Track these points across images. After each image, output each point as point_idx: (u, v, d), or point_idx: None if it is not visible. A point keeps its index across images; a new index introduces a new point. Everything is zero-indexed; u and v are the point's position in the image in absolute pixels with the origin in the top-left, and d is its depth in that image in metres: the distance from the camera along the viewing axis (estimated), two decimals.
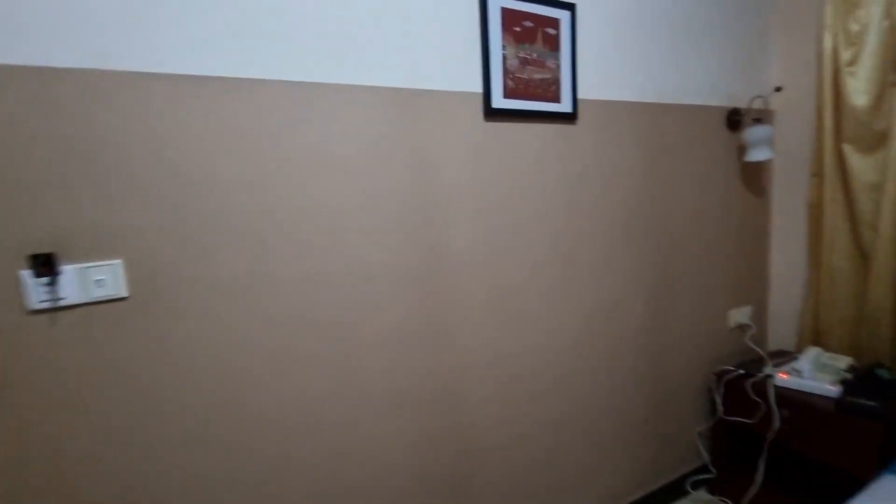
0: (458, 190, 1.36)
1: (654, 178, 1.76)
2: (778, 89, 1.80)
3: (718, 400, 1.90)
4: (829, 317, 1.94)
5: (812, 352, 1.82)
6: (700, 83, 1.85)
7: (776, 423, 1.68)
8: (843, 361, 1.77)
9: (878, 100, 1.73)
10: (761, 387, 1.74)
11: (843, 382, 1.64)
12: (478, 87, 1.37)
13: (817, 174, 1.94)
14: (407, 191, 1.29)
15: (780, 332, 2.15)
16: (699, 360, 1.97)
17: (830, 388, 1.62)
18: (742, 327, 2.09)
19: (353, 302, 1.24)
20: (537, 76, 1.45)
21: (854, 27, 1.76)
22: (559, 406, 1.63)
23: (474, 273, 1.42)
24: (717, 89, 1.90)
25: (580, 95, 1.55)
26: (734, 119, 1.94)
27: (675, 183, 1.81)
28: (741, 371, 1.85)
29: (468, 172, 1.38)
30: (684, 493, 1.99)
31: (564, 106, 1.51)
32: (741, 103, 1.97)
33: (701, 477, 2.01)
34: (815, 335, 1.99)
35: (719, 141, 1.92)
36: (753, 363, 1.92)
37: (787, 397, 1.67)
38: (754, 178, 2.06)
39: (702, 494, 1.98)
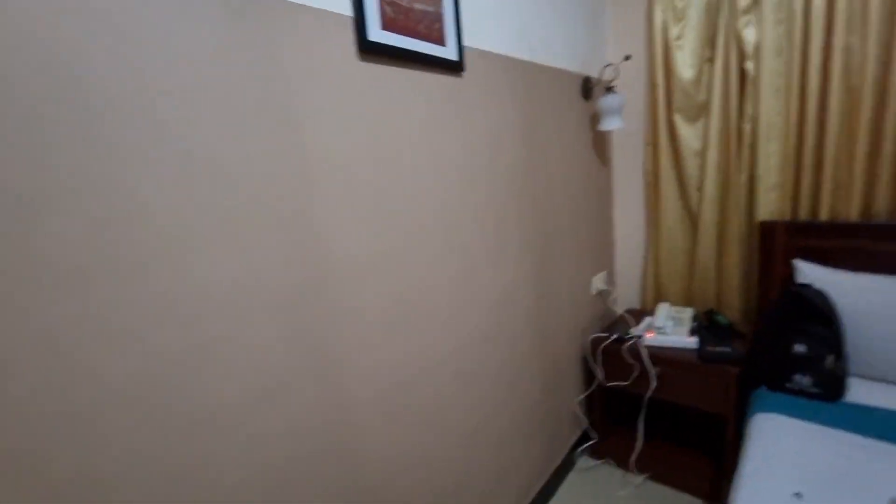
0: (330, 161, 0.93)
1: (533, 146, 1.61)
2: (627, 58, 1.84)
3: (597, 368, 1.93)
4: (667, 273, 2.15)
5: (664, 308, 1.97)
6: (561, 46, 1.76)
7: (653, 382, 1.76)
8: (686, 313, 1.97)
9: (700, 73, 1.91)
10: (634, 349, 1.81)
11: (697, 332, 1.81)
12: (347, 9, 0.94)
13: (652, 143, 2.08)
14: (263, 163, 0.81)
15: (628, 293, 2.33)
16: (576, 331, 1.97)
17: (690, 340, 1.76)
18: (601, 293, 2.17)
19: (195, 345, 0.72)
20: (418, 6, 1.09)
21: (679, 3, 1.89)
22: (468, 420, 1.38)
23: (364, 280, 1.02)
24: (575, 54, 1.84)
25: (466, 42, 1.26)
26: (587, 87, 1.93)
27: (548, 151, 1.70)
28: (613, 336, 1.90)
29: (343, 135, 0.96)
30: (573, 466, 2.00)
31: (450, 51, 1.20)
32: (593, 72, 1.98)
33: (586, 445, 2.05)
34: (658, 292, 2.20)
35: (577, 109, 1.89)
36: (619, 326, 2.00)
37: (657, 355, 1.76)
38: (601, 146, 2.13)
39: (587, 461, 2.02)
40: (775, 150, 1.78)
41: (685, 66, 1.92)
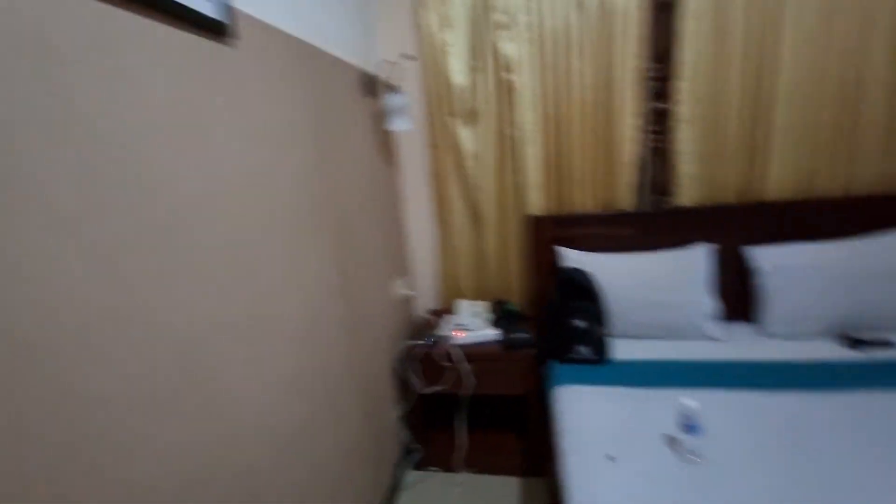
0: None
1: (324, 146, 1.39)
2: (411, 57, 1.80)
3: (413, 377, 1.84)
4: (460, 270, 2.23)
5: (464, 305, 2.04)
6: (335, 32, 1.58)
7: (470, 380, 1.77)
8: (481, 306, 2.08)
9: (471, 80, 2.03)
10: (447, 351, 1.79)
11: (497, 324, 1.92)
12: None
13: (434, 145, 2.12)
14: None
15: (427, 294, 2.33)
16: (387, 344, 1.84)
17: (494, 332, 1.85)
18: (405, 298, 2.11)
19: None
20: None
21: (447, 10, 1.96)
22: (299, 470, 1.08)
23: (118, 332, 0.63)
24: (351, 46, 1.70)
25: (238, 3, 0.95)
26: (369, 84, 1.81)
27: (340, 151, 1.51)
28: (424, 341, 1.84)
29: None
30: (401, 485, 1.87)
31: (206, 4, 0.88)
32: (371, 68, 1.87)
33: (411, 459, 1.94)
34: (454, 290, 2.27)
35: (362, 106, 1.75)
36: (426, 330, 1.97)
37: (468, 353, 1.79)
38: (389, 147, 2.05)
39: (414, 476, 1.92)
40: (534, 154, 2.03)
41: (457, 72, 2.01)
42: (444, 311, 2.21)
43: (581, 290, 1.72)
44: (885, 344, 1.62)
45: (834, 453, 1.16)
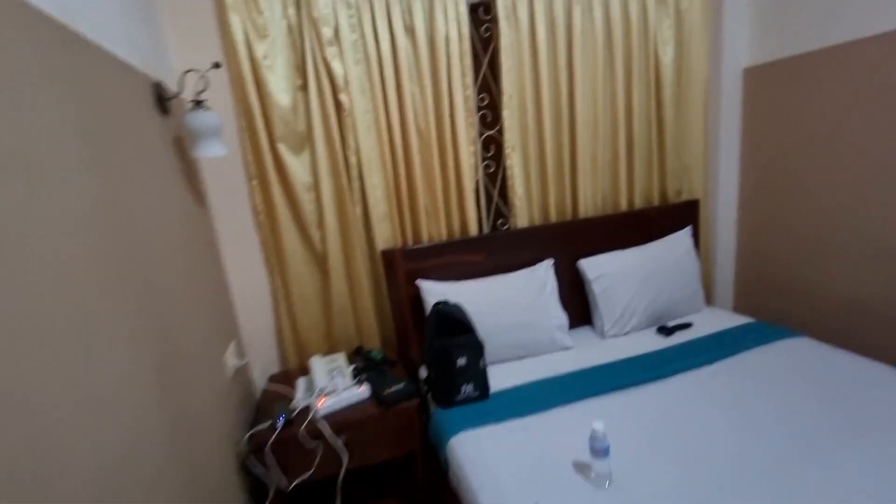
0: None
1: (112, 175, 0.94)
2: (216, 65, 1.42)
3: (269, 473, 1.41)
4: (306, 323, 1.88)
5: (318, 364, 1.70)
6: (121, 29, 1.14)
7: (344, 457, 1.45)
8: (340, 360, 1.78)
9: (296, 100, 1.75)
10: (311, 427, 1.44)
11: (362, 378, 1.65)
12: None
13: (258, 177, 1.75)
14: None
15: (266, 359, 1.89)
16: (230, 435, 1.37)
17: (362, 391, 1.58)
18: (238, 371, 1.64)
19: None
20: None
21: (259, 18, 1.65)
22: None
23: None
24: (134, 44, 1.25)
25: None
26: (162, 97, 1.36)
27: (134, 183, 1.06)
28: (274, 422, 1.45)
29: None
30: None
31: None
32: (164, 76, 1.42)
33: None
34: (301, 347, 1.89)
35: (153, 124, 1.30)
36: (275, 405, 1.56)
37: (337, 422, 1.47)
38: (192, 180, 1.59)
39: None
40: (378, 182, 1.87)
41: (280, 90, 1.71)
42: (294, 374, 1.81)
43: (455, 324, 1.62)
44: (687, 326, 2.00)
45: (692, 428, 1.31)
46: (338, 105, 1.77)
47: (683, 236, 2.19)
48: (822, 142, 1.98)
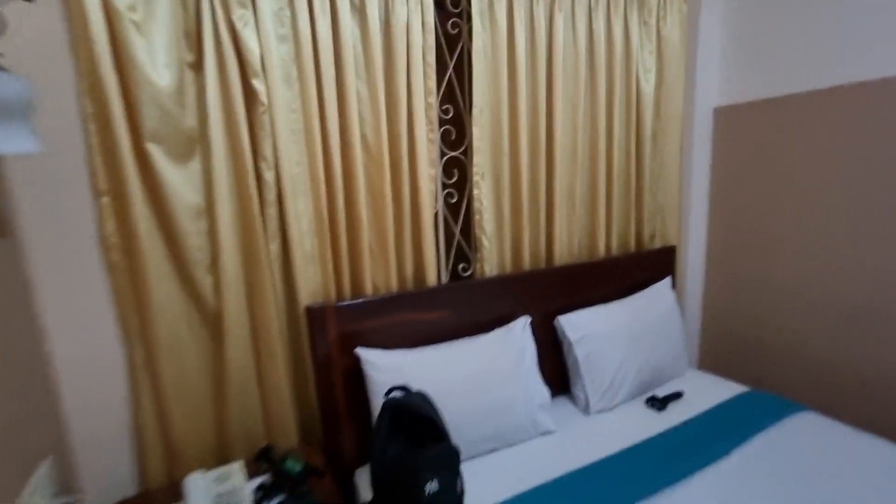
0: None
1: None
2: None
3: None
4: (182, 416, 1.24)
5: (199, 485, 1.09)
6: None
7: None
8: (237, 475, 1.17)
9: (183, 81, 1.17)
10: None
11: (273, 496, 1.06)
12: None
13: (112, 193, 1.13)
14: None
15: (109, 478, 1.20)
16: None
17: None
18: None
19: None
20: None
21: None
22: None
23: None
24: None
25: None
26: None
27: None
28: None
29: None
30: None
31: None
32: None
33: None
34: (169, 455, 1.23)
35: None
36: None
37: None
38: None
39: None
40: (305, 209, 1.33)
41: (156, 64, 1.12)
42: (152, 501, 1.16)
43: (417, 423, 1.11)
44: (678, 396, 1.68)
45: None
46: (249, 95, 1.22)
47: (664, 289, 1.92)
48: (794, 190, 1.84)
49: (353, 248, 1.42)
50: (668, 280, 1.95)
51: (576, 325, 1.67)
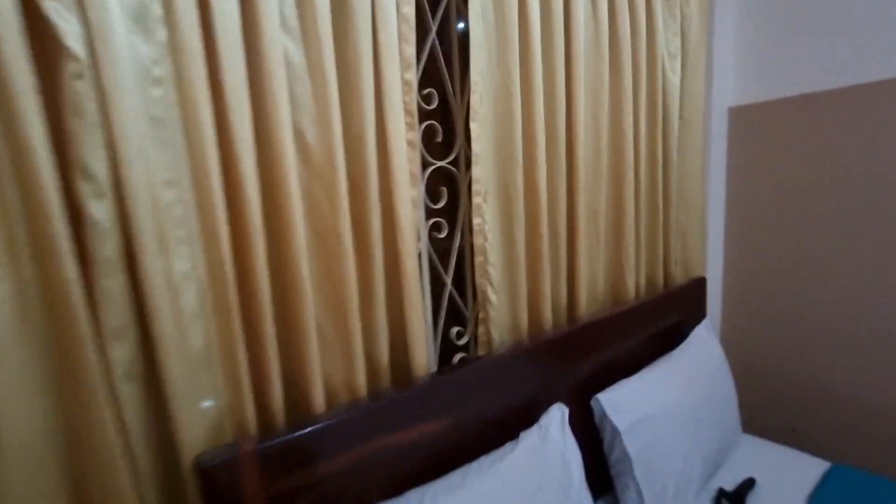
0: None
1: None
2: None
3: None
4: None
5: None
6: None
7: None
8: None
9: None
10: None
11: None
12: None
13: None
14: None
15: None
16: None
17: None
18: None
19: None
20: None
21: None
22: None
23: None
24: None
25: None
26: None
27: None
28: None
29: None
30: None
31: None
32: None
33: None
34: None
35: None
36: None
37: None
38: None
39: None
40: (188, 269, 0.69)
41: None
42: None
43: None
44: (751, 485, 1.24)
45: None
46: (48, 48, 0.57)
47: (706, 335, 1.48)
48: (824, 199, 1.53)
49: (285, 330, 0.80)
50: (706, 323, 1.52)
51: (620, 405, 1.16)
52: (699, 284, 1.61)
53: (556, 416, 1.04)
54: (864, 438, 1.51)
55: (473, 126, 1.02)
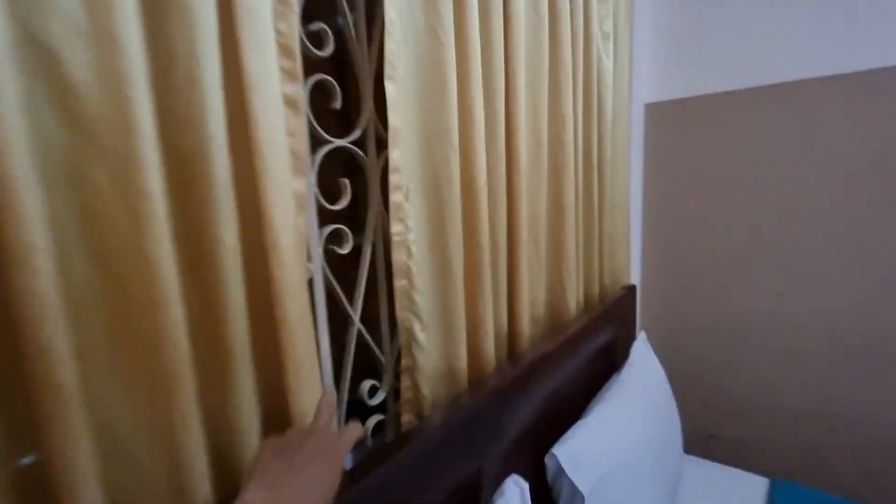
0: None
1: None
2: None
3: None
4: None
5: None
6: None
7: None
8: None
9: None
10: None
11: None
12: None
13: None
14: None
15: None
16: None
17: None
18: None
19: None
20: None
21: None
22: None
23: None
24: None
25: None
26: None
27: None
28: None
29: None
30: None
31: None
32: None
33: None
34: None
35: None
36: None
37: None
38: None
39: None
40: None
41: None
42: None
43: None
44: None
45: None
46: None
47: (645, 351, 1.33)
48: (743, 198, 1.52)
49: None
50: (643, 337, 1.37)
51: (581, 460, 0.91)
52: (630, 293, 1.47)
53: (514, 497, 0.75)
54: (791, 446, 1.49)
55: (389, 87, 0.68)
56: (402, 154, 0.71)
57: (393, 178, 0.70)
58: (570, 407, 1.06)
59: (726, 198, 1.54)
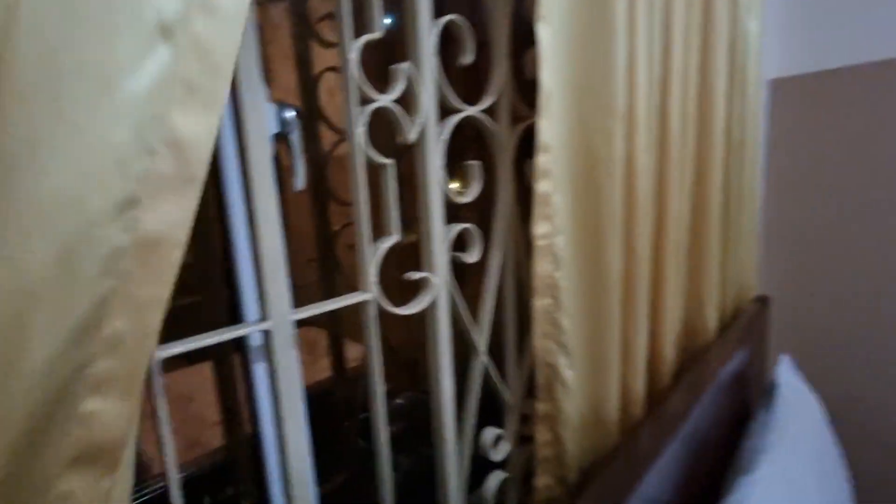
0: None
1: None
2: None
3: None
4: None
5: None
6: None
7: None
8: None
9: None
10: None
11: None
12: None
13: None
14: None
15: None
16: None
17: None
18: None
19: None
20: None
21: None
22: None
23: None
24: None
25: None
26: None
27: None
28: None
29: None
30: None
31: None
32: None
33: None
34: None
35: None
36: None
37: None
38: None
39: None
40: None
41: None
42: None
43: None
44: None
45: None
46: None
47: (792, 380, 1.08)
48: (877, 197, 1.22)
49: None
50: (788, 362, 1.11)
51: None
52: (763, 307, 1.21)
53: None
54: None
55: (543, 32, 0.48)
56: (553, 126, 0.51)
57: (542, 160, 0.51)
58: (710, 452, 0.83)
59: (867, 192, 1.25)
